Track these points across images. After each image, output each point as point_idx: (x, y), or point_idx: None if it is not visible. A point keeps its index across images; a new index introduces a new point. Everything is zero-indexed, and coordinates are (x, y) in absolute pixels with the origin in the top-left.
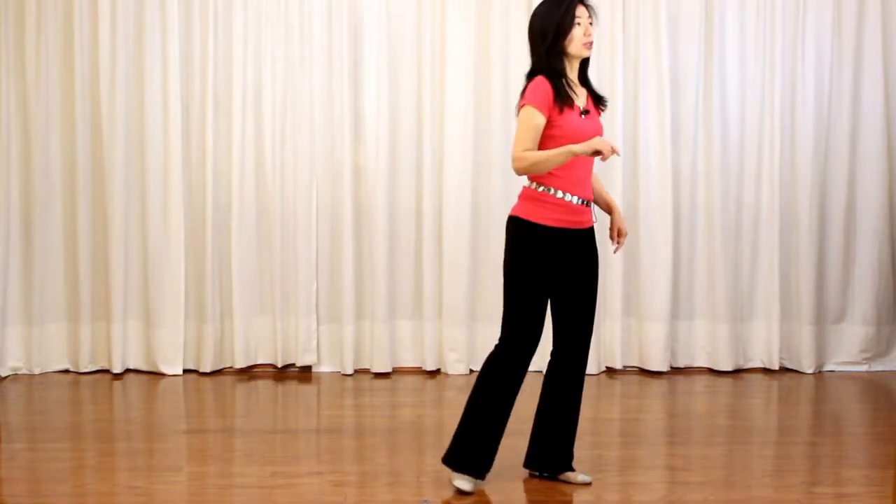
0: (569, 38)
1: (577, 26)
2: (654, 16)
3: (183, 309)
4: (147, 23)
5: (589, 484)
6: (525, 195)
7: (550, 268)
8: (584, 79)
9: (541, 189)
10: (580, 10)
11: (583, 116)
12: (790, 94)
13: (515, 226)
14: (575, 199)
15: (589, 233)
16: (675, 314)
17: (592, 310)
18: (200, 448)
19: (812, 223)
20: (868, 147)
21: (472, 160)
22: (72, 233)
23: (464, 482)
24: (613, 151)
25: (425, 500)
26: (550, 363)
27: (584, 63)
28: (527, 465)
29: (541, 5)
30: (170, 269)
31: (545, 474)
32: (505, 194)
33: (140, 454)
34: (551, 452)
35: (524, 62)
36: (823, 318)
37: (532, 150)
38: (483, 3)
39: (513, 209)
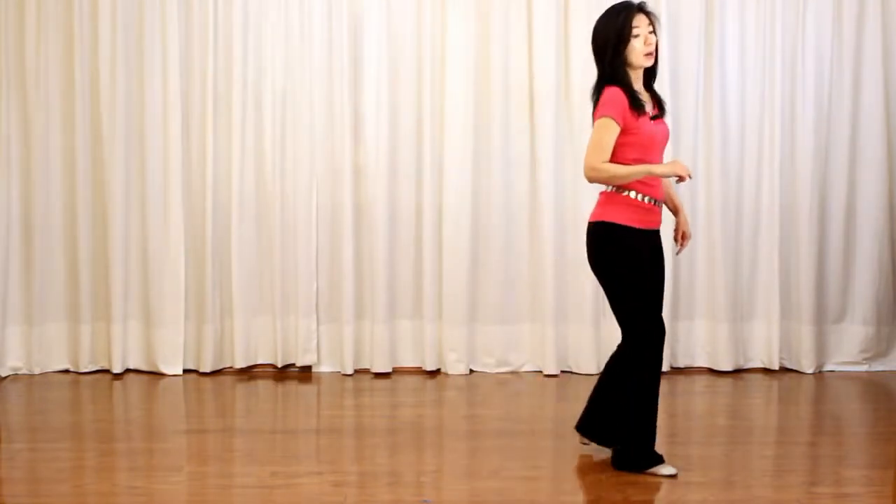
0: (629, 48)
1: (635, 38)
2: None
3: (183, 309)
4: (147, 23)
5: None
6: (604, 200)
7: (643, 261)
8: (648, 84)
9: (619, 192)
10: (638, 20)
11: (653, 121)
12: (790, 94)
13: (603, 230)
14: (647, 200)
15: (658, 233)
16: (675, 314)
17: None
18: (200, 448)
19: (812, 223)
20: (868, 147)
21: (472, 160)
22: (72, 233)
23: (667, 468)
24: (689, 175)
25: (425, 501)
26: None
27: (649, 70)
28: (578, 427)
29: (601, 17)
30: (170, 269)
31: (593, 441)
32: (505, 194)
33: (140, 454)
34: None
35: (524, 62)
36: (823, 318)
37: (606, 160)
38: (483, 3)
39: (593, 215)
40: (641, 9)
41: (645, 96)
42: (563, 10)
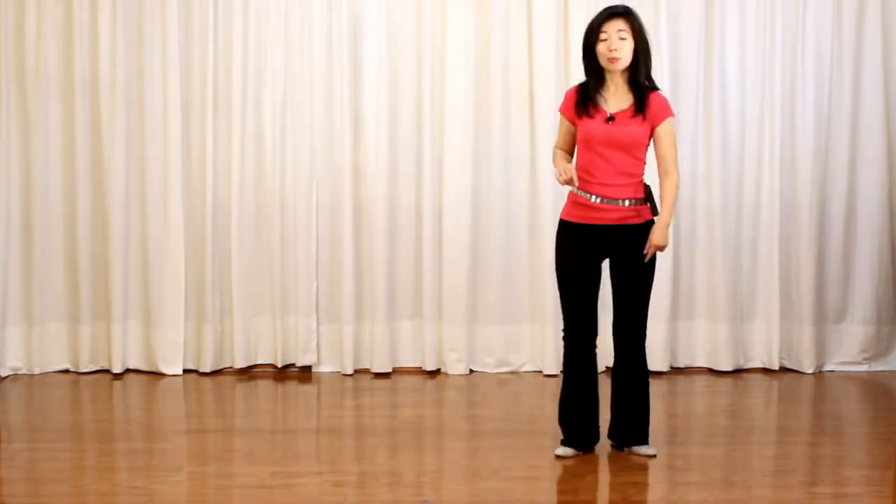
0: (597, 51)
1: (601, 42)
2: (655, 16)
3: (183, 309)
4: (147, 23)
5: (653, 456)
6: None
7: (575, 258)
8: (635, 84)
9: (572, 189)
10: (609, 25)
11: (609, 122)
12: (790, 95)
13: (558, 224)
14: (594, 198)
15: (629, 229)
16: (675, 314)
17: (632, 299)
18: (200, 448)
19: (812, 223)
20: (868, 147)
21: (472, 160)
22: (72, 233)
23: (561, 450)
24: (566, 183)
25: (425, 501)
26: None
27: (634, 70)
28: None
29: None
30: (170, 269)
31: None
32: (505, 194)
33: (140, 454)
34: (617, 428)
35: (524, 62)
36: (823, 318)
37: (561, 146)
38: (483, 3)
39: None
40: (621, 13)
41: (619, 97)
42: (563, 10)
